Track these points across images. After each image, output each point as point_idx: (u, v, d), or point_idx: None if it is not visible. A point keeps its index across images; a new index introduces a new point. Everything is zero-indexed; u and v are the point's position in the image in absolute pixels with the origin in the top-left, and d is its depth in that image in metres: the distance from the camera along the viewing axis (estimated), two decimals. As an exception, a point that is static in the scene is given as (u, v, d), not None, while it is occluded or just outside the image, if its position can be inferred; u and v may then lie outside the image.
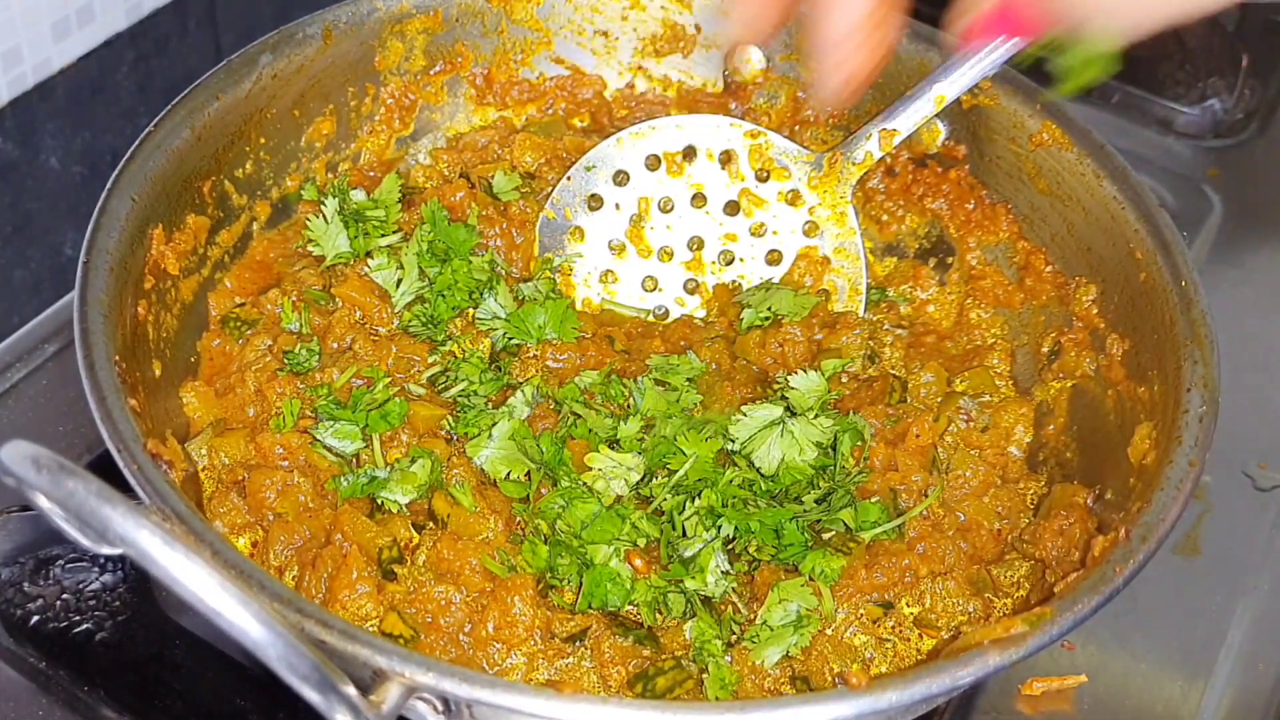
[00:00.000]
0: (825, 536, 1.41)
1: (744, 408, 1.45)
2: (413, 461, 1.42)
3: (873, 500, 1.43)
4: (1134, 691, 1.52)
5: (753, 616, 1.35)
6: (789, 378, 1.49)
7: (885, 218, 1.77)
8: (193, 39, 1.98)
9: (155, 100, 1.56)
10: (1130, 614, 1.56)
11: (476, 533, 1.37)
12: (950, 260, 1.72)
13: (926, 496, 1.45)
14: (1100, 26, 1.23)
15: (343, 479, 1.41)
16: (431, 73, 1.75)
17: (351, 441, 1.45)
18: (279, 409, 1.46)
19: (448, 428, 1.48)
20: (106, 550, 0.97)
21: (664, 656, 1.33)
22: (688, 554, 1.38)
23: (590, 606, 1.34)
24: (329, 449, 1.44)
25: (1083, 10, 1.23)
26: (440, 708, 1.11)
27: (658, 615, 1.36)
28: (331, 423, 1.45)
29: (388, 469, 1.42)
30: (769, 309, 1.61)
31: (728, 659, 1.32)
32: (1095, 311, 1.54)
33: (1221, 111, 2.24)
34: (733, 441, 1.44)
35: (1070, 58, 1.29)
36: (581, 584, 1.35)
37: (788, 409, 1.46)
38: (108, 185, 1.39)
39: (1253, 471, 1.73)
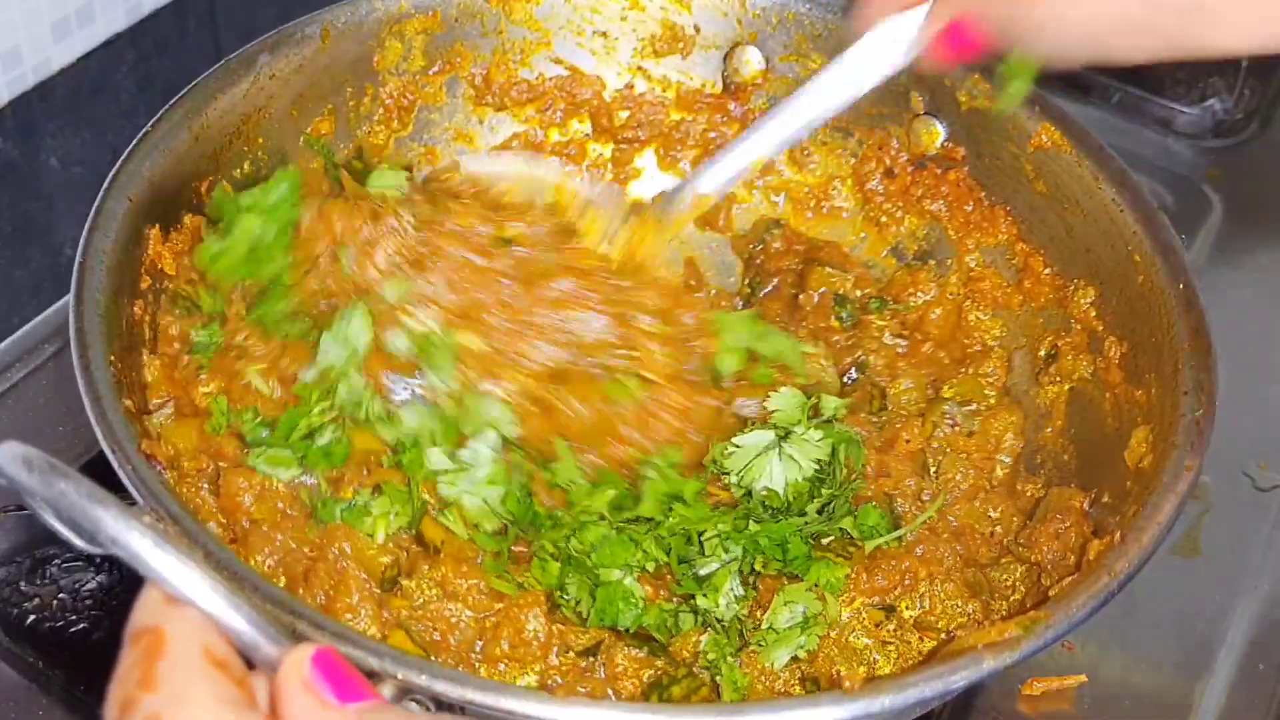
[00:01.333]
0: (825, 542, 1.40)
1: (734, 439, 1.42)
2: (374, 495, 1.30)
3: (870, 505, 1.42)
4: (1134, 691, 1.52)
5: (758, 623, 1.34)
6: (766, 401, 1.46)
7: (884, 220, 1.76)
8: (193, 39, 1.98)
9: (155, 100, 1.55)
10: (1130, 614, 1.56)
11: (476, 555, 1.33)
12: (949, 262, 1.72)
13: (923, 500, 1.44)
14: (1034, 47, 1.30)
15: (319, 504, 1.31)
16: (430, 73, 1.75)
17: (287, 468, 1.31)
18: (207, 408, 1.35)
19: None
20: (99, 551, 0.97)
21: (677, 665, 1.31)
22: (703, 571, 1.34)
23: (601, 623, 1.30)
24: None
25: (1023, 32, 1.29)
26: (434, 709, 1.11)
27: (669, 633, 1.33)
28: (263, 448, 1.31)
29: (351, 502, 1.31)
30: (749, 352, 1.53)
31: (737, 663, 1.31)
32: (1093, 314, 1.54)
33: (1221, 111, 2.23)
34: (727, 474, 1.41)
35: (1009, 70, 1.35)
36: (594, 601, 1.30)
37: (777, 432, 1.43)
38: (104, 185, 1.39)
39: (1252, 471, 1.73)
